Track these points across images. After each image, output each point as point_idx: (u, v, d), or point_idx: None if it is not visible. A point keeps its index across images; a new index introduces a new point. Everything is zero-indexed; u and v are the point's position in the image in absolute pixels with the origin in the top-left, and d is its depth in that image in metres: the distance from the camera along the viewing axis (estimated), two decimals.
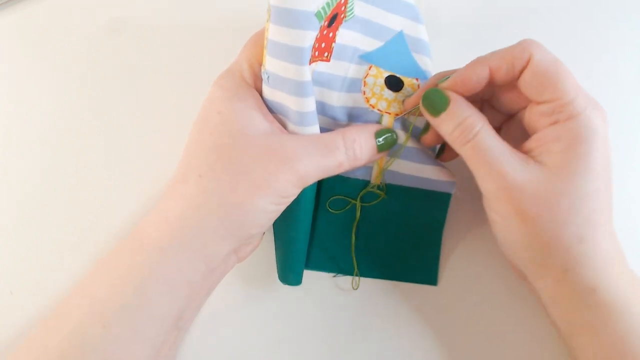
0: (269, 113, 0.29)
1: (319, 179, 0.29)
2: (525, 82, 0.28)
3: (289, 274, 0.33)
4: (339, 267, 0.34)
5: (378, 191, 0.33)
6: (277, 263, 0.33)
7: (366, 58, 0.32)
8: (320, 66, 0.30)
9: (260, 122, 0.28)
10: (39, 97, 0.39)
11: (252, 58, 0.30)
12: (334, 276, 0.35)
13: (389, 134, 0.31)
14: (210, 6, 0.41)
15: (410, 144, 0.32)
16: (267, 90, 0.29)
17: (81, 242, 0.37)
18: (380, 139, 0.31)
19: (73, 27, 0.41)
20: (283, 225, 0.32)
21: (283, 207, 0.29)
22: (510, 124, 0.32)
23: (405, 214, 0.34)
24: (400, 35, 0.33)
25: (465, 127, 0.28)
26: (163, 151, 0.38)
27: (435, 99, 0.29)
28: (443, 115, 0.29)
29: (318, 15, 0.26)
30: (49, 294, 0.36)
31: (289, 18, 0.26)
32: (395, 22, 0.33)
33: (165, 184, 0.36)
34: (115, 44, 0.40)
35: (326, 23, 0.28)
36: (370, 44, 0.33)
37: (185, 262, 0.27)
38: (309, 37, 0.26)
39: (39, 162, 0.38)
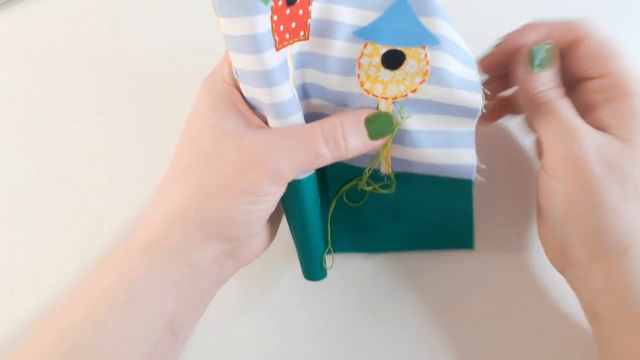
0: (249, 110, 0.29)
1: (298, 173, 0.28)
2: (579, 57, 0.29)
3: (310, 270, 0.32)
4: (369, 246, 0.34)
5: (386, 182, 0.31)
6: (299, 260, 0.33)
7: (360, 34, 0.28)
8: (298, 46, 0.28)
9: (237, 122, 0.28)
10: (39, 97, 0.39)
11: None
12: (366, 257, 0.35)
13: (383, 119, 0.29)
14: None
15: (420, 126, 0.29)
16: (242, 88, 0.28)
17: (82, 243, 0.37)
18: (372, 126, 0.28)
19: (73, 27, 0.41)
20: (292, 223, 0.31)
21: (265, 206, 0.28)
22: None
23: (426, 200, 0.32)
24: (400, 1, 0.28)
25: (551, 90, 0.28)
26: (165, 152, 0.38)
27: (543, 55, 0.29)
28: (542, 73, 0.29)
29: None
30: (49, 294, 0.36)
31: (231, 7, 0.24)
32: None
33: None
34: (116, 44, 0.40)
35: (281, 2, 0.26)
36: (364, 18, 0.28)
37: (168, 265, 0.27)
38: (259, 22, 0.25)
39: (39, 162, 0.38)
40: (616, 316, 0.27)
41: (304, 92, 0.30)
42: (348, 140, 0.28)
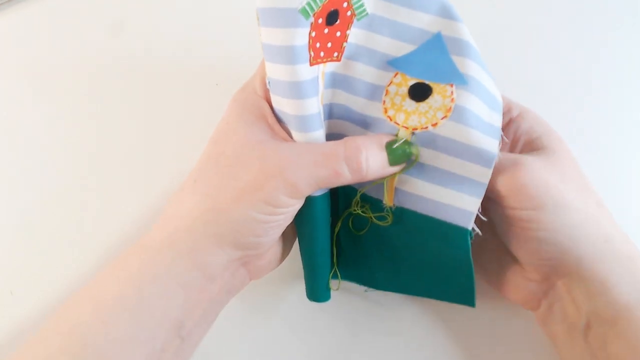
0: (277, 123, 0.29)
1: (316, 189, 0.28)
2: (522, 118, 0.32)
3: (314, 291, 0.32)
4: (369, 280, 0.33)
5: (384, 213, 0.31)
6: (305, 281, 0.33)
7: (393, 64, 0.29)
8: (331, 67, 0.29)
9: (263, 131, 0.28)
10: (39, 97, 0.39)
11: (264, 71, 0.29)
12: (365, 291, 0.34)
13: (403, 146, 0.29)
14: (217, 7, 0.41)
15: (434, 162, 0.29)
16: (272, 99, 0.29)
17: (82, 242, 0.37)
18: (393, 152, 0.29)
19: (73, 27, 0.41)
20: (301, 243, 0.32)
21: (280, 218, 0.28)
22: None
23: (423, 243, 0.31)
24: (437, 38, 0.29)
25: None
26: (165, 152, 0.38)
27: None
28: None
29: (303, 11, 0.25)
30: (49, 294, 0.36)
31: (273, 18, 0.25)
32: (427, 22, 0.29)
33: (173, 187, 0.36)
34: (117, 44, 0.40)
35: (321, 20, 0.27)
36: (399, 49, 0.29)
37: (178, 267, 0.27)
38: (297, 35, 0.26)
39: (39, 162, 0.38)
40: (625, 307, 0.27)
41: (330, 111, 0.30)
42: (369, 162, 0.28)
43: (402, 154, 0.29)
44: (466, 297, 0.31)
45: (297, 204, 0.28)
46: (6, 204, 0.37)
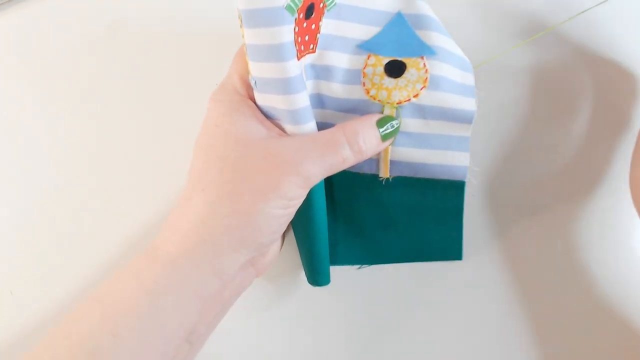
0: (266, 119, 0.30)
1: (325, 176, 0.29)
2: None
3: (316, 275, 0.33)
4: (363, 258, 0.35)
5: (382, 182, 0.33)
6: (303, 266, 0.34)
7: (364, 47, 0.31)
8: (309, 59, 0.30)
9: (258, 129, 0.29)
10: (39, 97, 0.39)
11: (241, 69, 0.30)
12: (359, 268, 0.35)
13: (391, 122, 0.31)
14: (216, 6, 0.41)
15: (420, 129, 0.32)
16: (258, 97, 0.29)
17: (82, 242, 0.37)
18: (383, 128, 0.30)
19: (74, 27, 0.41)
20: (300, 229, 0.32)
21: (292, 211, 0.29)
22: None
23: (420, 204, 0.33)
24: (398, 17, 0.31)
25: None
26: (168, 152, 0.38)
27: None
28: None
29: (289, 8, 0.26)
30: (49, 295, 0.36)
31: (259, 18, 0.26)
32: (388, 4, 0.31)
33: (174, 195, 0.37)
34: (117, 44, 0.40)
35: (302, 15, 0.27)
36: (366, 32, 0.31)
37: (196, 277, 0.27)
38: (285, 32, 0.26)
39: (38, 162, 0.38)
40: None
41: (314, 101, 0.31)
42: (367, 143, 0.30)
43: (391, 129, 0.31)
44: (454, 252, 0.34)
45: (305, 195, 0.29)
46: (6, 204, 0.37)
